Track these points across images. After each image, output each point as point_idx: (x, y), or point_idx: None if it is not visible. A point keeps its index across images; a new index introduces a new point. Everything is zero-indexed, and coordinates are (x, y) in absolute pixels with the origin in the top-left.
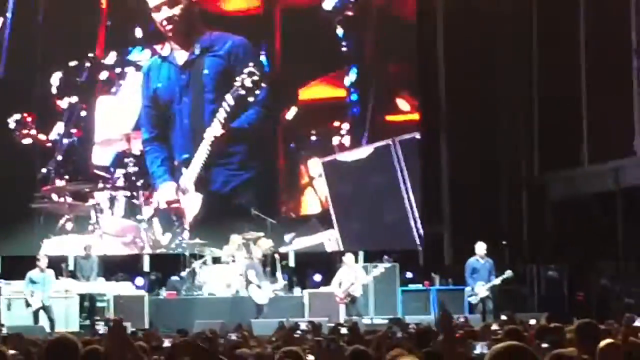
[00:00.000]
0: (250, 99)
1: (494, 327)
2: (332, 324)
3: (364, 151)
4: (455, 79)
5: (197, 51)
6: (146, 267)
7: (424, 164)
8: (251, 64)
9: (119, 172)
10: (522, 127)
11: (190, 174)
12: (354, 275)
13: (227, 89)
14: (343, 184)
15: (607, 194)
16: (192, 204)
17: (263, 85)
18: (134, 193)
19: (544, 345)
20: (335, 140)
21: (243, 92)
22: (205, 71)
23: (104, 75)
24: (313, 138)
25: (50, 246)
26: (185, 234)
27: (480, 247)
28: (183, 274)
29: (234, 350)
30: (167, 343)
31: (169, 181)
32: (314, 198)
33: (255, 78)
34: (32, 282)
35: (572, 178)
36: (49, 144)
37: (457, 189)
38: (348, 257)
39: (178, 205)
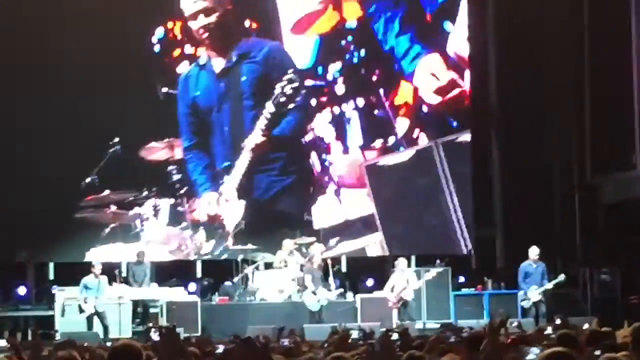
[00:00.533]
0: (291, 106)
1: (548, 331)
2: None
3: (406, 154)
4: (505, 81)
5: (234, 58)
6: (199, 273)
7: (475, 167)
8: (290, 70)
9: (163, 180)
10: (574, 130)
11: (232, 182)
12: (406, 280)
13: (265, 95)
14: (386, 188)
15: None
16: (234, 211)
17: (302, 91)
18: (178, 200)
19: (596, 352)
20: (378, 143)
21: (284, 99)
22: (243, 78)
23: None
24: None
25: (96, 255)
26: (229, 240)
27: (533, 251)
28: (235, 279)
29: (286, 355)
30: (220, 349)
31: (210, 190)
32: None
33: (295, 85)
34: (86, 288)
35: (625, 181)
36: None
37: (509, 192)
38: (401, 262)
39: (220, 218)
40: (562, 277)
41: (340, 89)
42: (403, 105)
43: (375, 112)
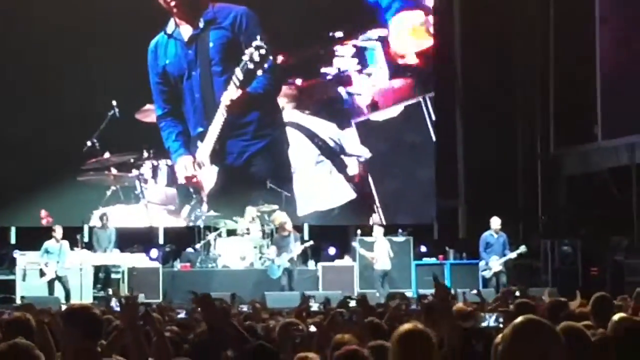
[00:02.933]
0: (259, 72)
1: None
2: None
3: (395, 110)
4: (471, 56)
5: (201, 25)
6: (161, 240)
7: (438, 137)
8: (258, 37)
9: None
10: (538, 103)
11: (205, 147)
12: (386, 249)
13: (234, 60)
14: (378, 144)
15: (621, 169)
16: (208, 177)
17: (270, 57)
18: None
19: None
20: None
21: (252, 65)
22: (211, 44)
23: None
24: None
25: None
26: (204, 206)
27: (495, 222)
28: (197, 246)
29: (245, 321)
30: (181, 314)
31: (186, 155)
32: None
33: (263, 52)
34: (48, 252)
35: (587, 153)
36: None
37: (473, 163)
38: (379, 230)
39: (196, 179)
40: (523, 248)
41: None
42: None
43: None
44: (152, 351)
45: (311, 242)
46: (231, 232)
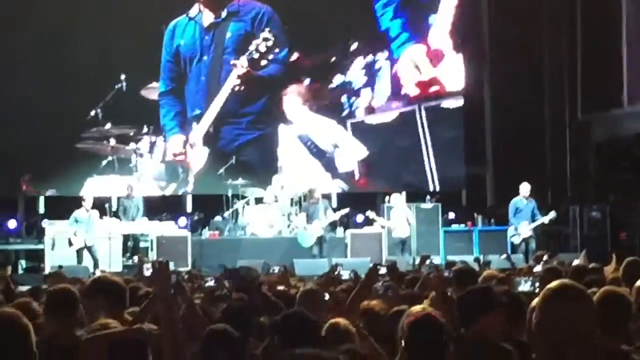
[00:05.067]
0: (263, 63)
1: (537, 268)
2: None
3: (390, 115)
4: (499, 23)
5: (223, 15)
6: (189, 208)
7: (466, 104)
8: (267, 29)
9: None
10: (565, 70)
11: (200, 129)
12: (405, 216)
13: (246, 52)
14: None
15: None
16: (198, 158)
17: (277, 50)
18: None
19: None
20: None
21: (257, 55)
22: (228, 34)
23: None
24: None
25: (93, 185)
26: (190, 186)
27: (525, 188)
28: (226, 214)
29: (274, 286)
30: (210, 282)
31: (179, 134)
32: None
33: (270, 44)
34: (77, 221)
35: (614, 119)
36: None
37: (500, 130)
38: (398, 197)
39: (184, 157)
40: (552, 213)
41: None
42: None
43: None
44: (183, 319)
45: (347, 210)
46: (259, 200)
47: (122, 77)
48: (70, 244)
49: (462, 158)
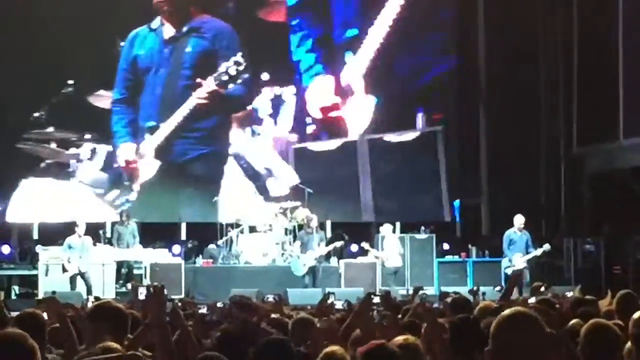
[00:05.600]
0: (231, 86)
1: (531, 300)
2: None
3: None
4: (495, 53)
5: (184, 29)
6: (183, 236)
7: (463, 136)
8: (240, 53)
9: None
10: (561, 101)
11: (153, 141)
12: (397, 245)
13: (204, 69)
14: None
15: None
16: (147, 169)
17: (245, 75)
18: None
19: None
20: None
21: (226, 78)
22: (188, 49)
23: None
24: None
25: (27, 187)
26: (132, 195)
27: (519, 220)
28: (220, 242)
29: (268, 314)
30: (202, 310)
31: (129, 142)
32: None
33: (240, 68)
34: (70, 247)
35: (609, 152)
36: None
37: (495, 161)
38: (388, 228)
39: (135, 166)
40: (547, 246)
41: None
42: None
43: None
44: (177, 345)
45: (341, 243)
46: (253, 229)
47: (71, 82)
48: (64, 270)
49: (405, 190)
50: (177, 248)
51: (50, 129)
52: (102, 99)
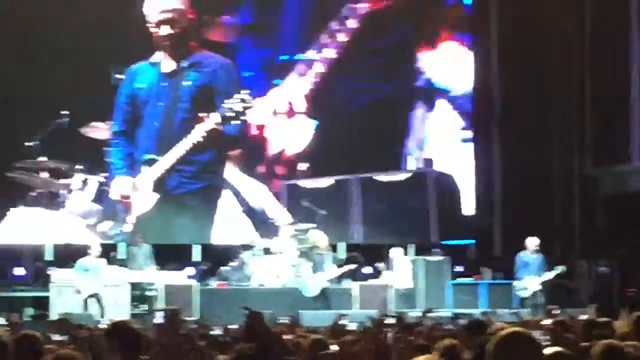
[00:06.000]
0: (235, 122)
1: (545, 322)
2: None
3: (326, 181)
4: (508, 76)
5: (185, 64)
6: (196, 257)
7: (477, 157)
8: (247, 91)
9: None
10: (574, 123)
11: (152, 174)
12: (409, 268)
13: (203, 103)
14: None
15: None
16: (144, 202)
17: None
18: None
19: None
20: None
21: (232, 114)
22: (188, 83)
23: None
24: None
25: (16, 216)
26: (126, 227)
27: (532, 242)
28: (233, 264)
29: (282, 336)
30: (216, 331)
31: (125, 175)
32: None
33: (246, 105)
34: (83, 269)
35: (623, 174)
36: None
37: (509, 183)
38: (398, 250)
39: (129, 200)
40: (561, 268)
41: None
42: None
43: None
44: None
45: (354, 266)
46: (266, 251)
47: (65, 112)
48: (77, 292)
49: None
50: (190, 270)
51: (43, 158)
52: (96, 130)
